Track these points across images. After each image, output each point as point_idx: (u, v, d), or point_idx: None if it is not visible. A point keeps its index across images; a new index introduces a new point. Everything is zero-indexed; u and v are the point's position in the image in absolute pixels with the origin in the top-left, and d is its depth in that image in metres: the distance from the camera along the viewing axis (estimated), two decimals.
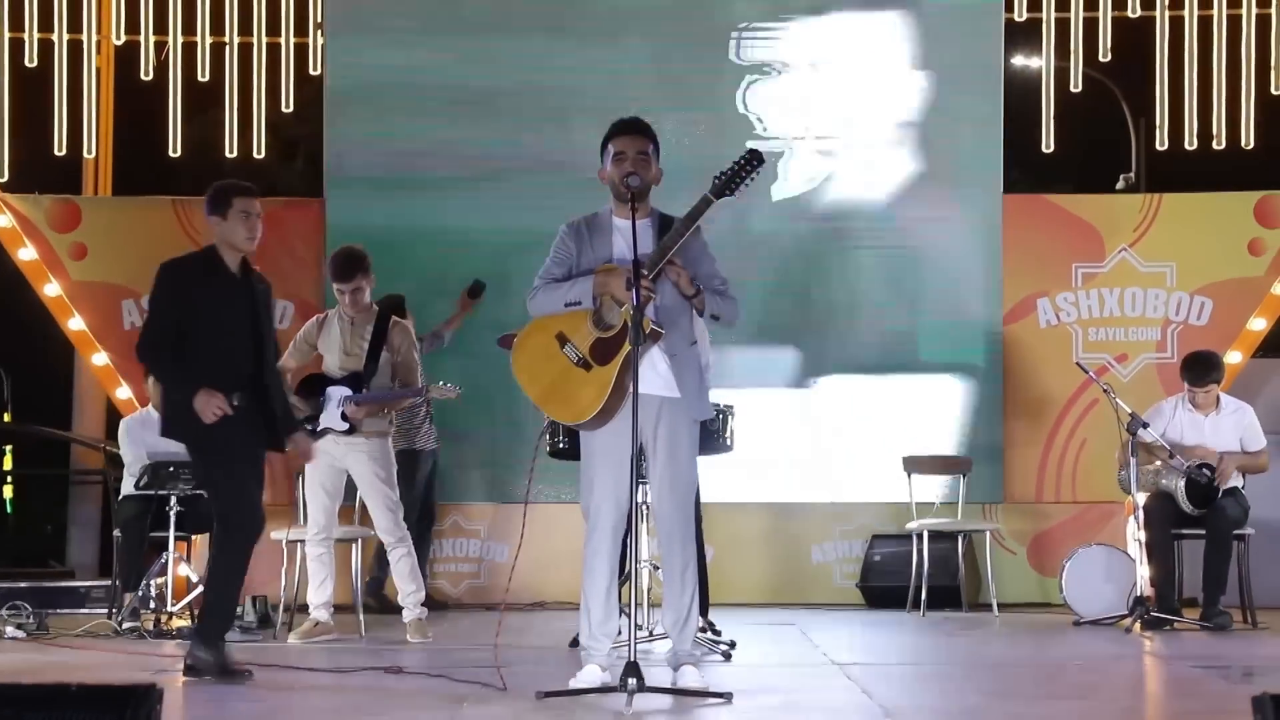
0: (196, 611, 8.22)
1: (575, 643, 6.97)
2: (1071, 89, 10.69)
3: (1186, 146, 10.56)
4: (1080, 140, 12.36)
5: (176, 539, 8.27)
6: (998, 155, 10.31)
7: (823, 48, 10.37)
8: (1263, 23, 10.41)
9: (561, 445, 7.06)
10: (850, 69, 10.37)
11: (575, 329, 5.67)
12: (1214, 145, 10.51)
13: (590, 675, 5.65)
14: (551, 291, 5.74)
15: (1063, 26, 10.58)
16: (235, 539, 6.28)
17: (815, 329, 10.29)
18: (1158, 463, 8.69)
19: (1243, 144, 10.45)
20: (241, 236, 6.35)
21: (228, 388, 6.19)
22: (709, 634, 7.25)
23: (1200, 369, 8.81)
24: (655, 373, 5.64)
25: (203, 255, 6.45)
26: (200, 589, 8.30)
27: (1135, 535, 8.65)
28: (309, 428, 7.77)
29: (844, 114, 10.35)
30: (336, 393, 7.80)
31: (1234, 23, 10.42)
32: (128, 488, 8.69)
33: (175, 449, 8.77)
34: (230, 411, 6.16)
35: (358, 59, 10.36)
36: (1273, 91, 10.43)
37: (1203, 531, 8.64)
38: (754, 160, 5.70)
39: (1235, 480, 8.74)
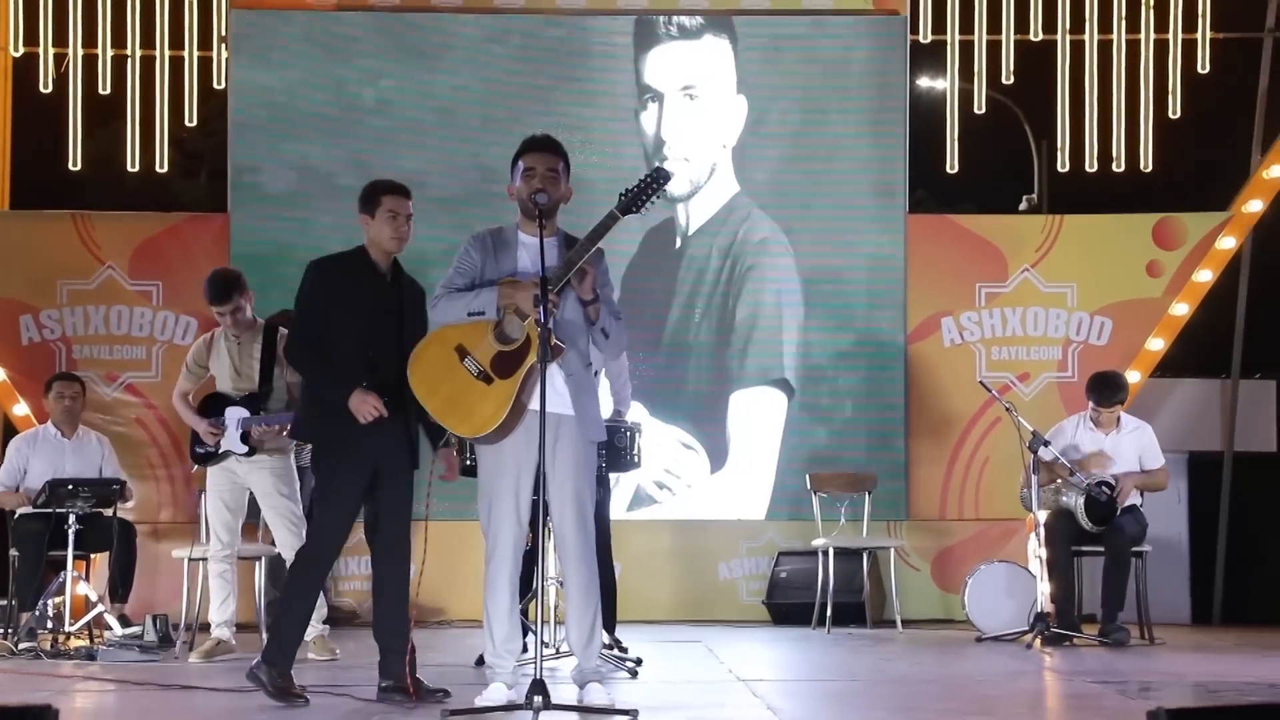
0: (95, 631, 8.16)
1: (481, 661, 6.95)
2: (975, 110, 10.82)
3: (1087, 169, 10.72)
4: (984, 161, 12.49)
5: (75, 558, 8.13)
6: (902, 175, 10.42)
7: (730, 67, 10.43)
8: (1160, 48, 10.59)
9: (469, 462, 7.00)
10: (756, 89, 10.44)
11: (475, 342, 5.62)
12: (1114, 168, 10.67)
13: (496, 693, 5.62)
14: (455, 300, 5.70)
15: (966, 49, 10.70)
16: (302, 560, 6.04)
17: (723, 348, 10.34)
18: (1058, 481, 8.81)
19: (1142, 167, 10.62)
20: (387, 236, 6.08)
21: None
22: (615, 651, 7.25)
23: (1107, 390, 8.94)
24: (554, 390, 5.60)
25: (353, 254, 6.15)
26: (99, 609, 8.20)
27: (1036, 552, 8.75)
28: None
29: (751, 133, 10.42)
30: (234, 415, 7.71)
31: (1133, 47, 10.60)
32: (25, 506, 8.55)
33: (74, 467, 8.72)
34: (386, 414, 5.88)
35: (262, 73, 10.31)
36: (1170, 116, 10.61)
37: (1102, 549, 8.76)
38: (659, 177, 5.67)
39: (1134, 498, 8.87)
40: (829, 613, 9.36)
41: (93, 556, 8.73)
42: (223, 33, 10.47)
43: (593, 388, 5.86)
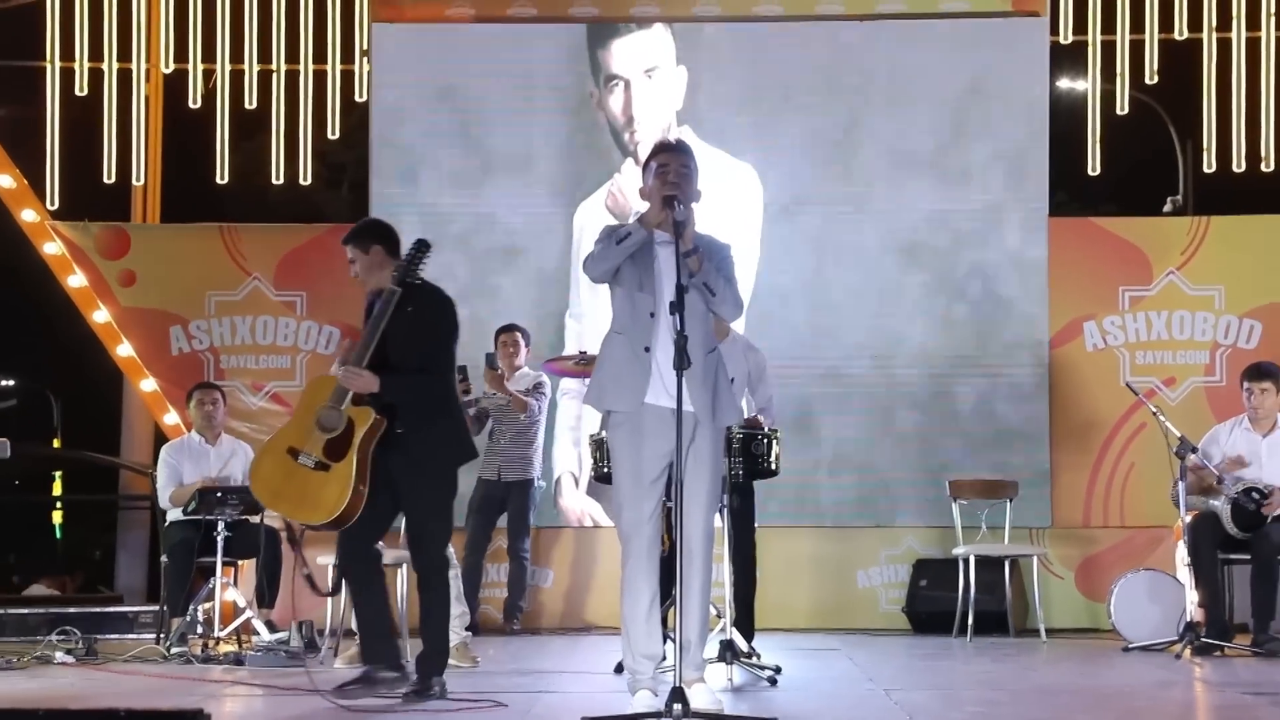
0: (242, 636, 8.32)
1: (620, 668, 6.96)
2: (1117, 111, 10.66)
3: (1234, 168, 10.50)
4: (1126, 163, 12.29)
5: (224, 564, 8.31)
6: (1043, 178, 10.29)
7: (872, 62, 10.38)
8: None
9: (606, 469, 7.00)
10: (901, 92, 10.35)
11: (302, 440, 6.12)
12: (1262, 167, 10.44)
13: (643, 700, 5.58)
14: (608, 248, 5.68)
15: (1108, 49, 10.56)
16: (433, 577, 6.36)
17: (863, 353, 10.27)
18: (1207, 486, 8.59)
19: None
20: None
21: None
22: (754, 660, 7.21)
23: (1257, 369, 8.78)
24: (672, 389, 5.56)
25: None
26: (246, 614, 8.36)
27: (1184, 560, 8.57)
28: None
29: (898, 138, 10.33)
30: None
31: None
32: (175, 514, 8.75)
33: (221, 474, 8.89)
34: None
35: (403, 84, 10.43)
36: None
37: (1249, 556, 8.55)
38: (422, 249, 6.26)
39: None
40: (970, 621, 9.25)
41: (240, 563, 8.91)
42: (364, 46, 10.65)
43: (712, 374, 5.74)
